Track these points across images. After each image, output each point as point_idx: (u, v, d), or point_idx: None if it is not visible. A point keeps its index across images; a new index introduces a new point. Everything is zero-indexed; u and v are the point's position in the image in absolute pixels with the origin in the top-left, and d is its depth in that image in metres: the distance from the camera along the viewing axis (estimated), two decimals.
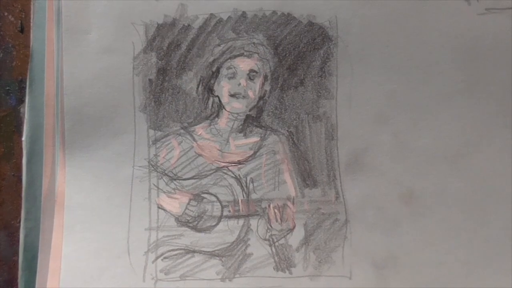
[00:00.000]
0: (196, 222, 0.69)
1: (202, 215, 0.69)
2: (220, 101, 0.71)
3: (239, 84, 0.70)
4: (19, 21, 0.71)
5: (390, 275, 0.68)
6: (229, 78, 0.70)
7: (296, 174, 0.70)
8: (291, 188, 0.70)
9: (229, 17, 0.69)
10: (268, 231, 0.69)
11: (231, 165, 0.70)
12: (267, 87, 0.70)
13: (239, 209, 0.69)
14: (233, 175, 0.70)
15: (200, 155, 0.70)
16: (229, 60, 0.69)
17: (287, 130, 0.70)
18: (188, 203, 0.69)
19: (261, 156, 0.70)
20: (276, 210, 0.69)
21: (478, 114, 0.68)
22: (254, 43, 0.69)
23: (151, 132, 0.70)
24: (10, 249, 0.69)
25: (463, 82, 0.68)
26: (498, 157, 0.67)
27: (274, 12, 0.68)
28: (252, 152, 0.70)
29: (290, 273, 0.68)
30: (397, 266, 0.68)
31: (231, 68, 0.69)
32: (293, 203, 0.69)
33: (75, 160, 0.69)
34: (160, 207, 0.70)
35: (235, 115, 0.71)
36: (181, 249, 0.69)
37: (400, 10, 0.68)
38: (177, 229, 0.69)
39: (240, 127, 0.71)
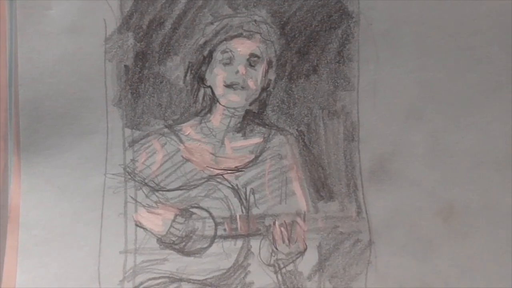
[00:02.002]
0: (184, 243, 0.66)
1: (191, 234, 0.66)
2: (213, 93, 0.67)
3: (237, 72, 0.66)
4: None
5: None
6: (225, 65, 0.66)
7: (308, 184, 0.67)
8: (302, 201, 0.67)
9: None
10: (273, 254, 0.66)
11: (227, 173, 0.67)
12: (272, 76, 0.67)
13: (237, 227, 0.66)
14: (229, 185, 0.67)
15: (188, 160, 0.67)
16: (224, 42, 0.66)
17: (297, 129, 0.67)
18: (174, 220, 0.66)
19: (264, 162, 0.67)
20: (283, 229, 0.66)
21: None
22: (255, 21, 0.66)
23: (128, 131, 0.67)
24: None
25: None
26: None
27: None
28: (253, 156, 0.67)
29: None
30: None
31: (227, 51, 0.66)
32: (304, 220, 0.66)
33: (32, 167, 0.66)
34: (138, 224, 0.66)
35: (232, 110, 0.67)
36: (164, 277, 0.66)
37: None
38: (159, 252, 0.66)
39: (238, 125, 0.68)
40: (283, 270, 0.66)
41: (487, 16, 0.66)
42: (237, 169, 0.67)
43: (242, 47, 0.66)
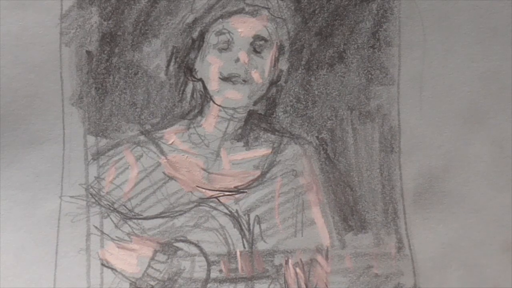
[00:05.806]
0: None
1: (176, 277, 0.61)
2: (205, 88, 0.62)
3: (237, 60, 0.61)
4: None
5: None
6: (221, 50, 0.61)
7: (332, 210, 0.62)
8: (324, 233, 0.62)
9: None
10: None
11: (224, 195, 0.62)
12: (284, 66, 0.62)
13: (237, 268, 0.61)
14: (227, 212, 0.62)
15: (172, 177, 0.62)
16: (220, 20, 0.61)
17: (317, 137, 0.63)
18: (153, 258, 0.60)
19: (273, 180, 0.62)
20: (298, 270, 0.61)
21: None
22: None
23: (91, 139, 0.62)
24: None
25: None
26: None
27: None
28: (258, 173, 0.62)
29: None
30: None
31: (224, 33, 0.61)
32: (326, 258, 0.61)
33: None
34: (105, 264, 0.61)
35: (231, 111, 0.62)
36: None
37: None
38: None
39: (239, 131, 0.63)
40: None
41: None
42: (237, 190, 0.62)
43: (244, 27, 0.61)
